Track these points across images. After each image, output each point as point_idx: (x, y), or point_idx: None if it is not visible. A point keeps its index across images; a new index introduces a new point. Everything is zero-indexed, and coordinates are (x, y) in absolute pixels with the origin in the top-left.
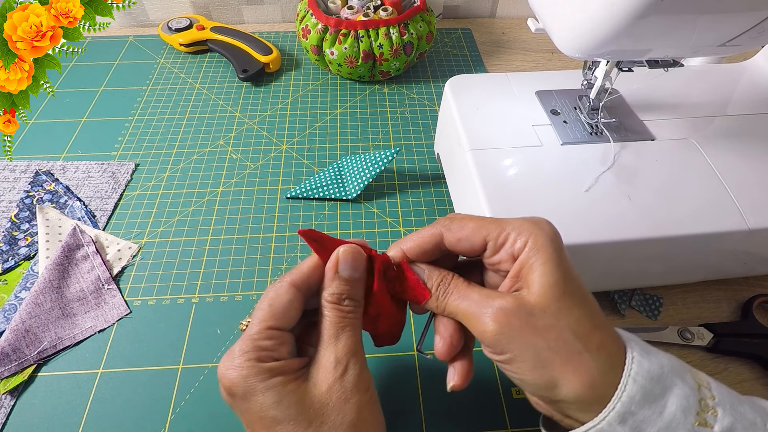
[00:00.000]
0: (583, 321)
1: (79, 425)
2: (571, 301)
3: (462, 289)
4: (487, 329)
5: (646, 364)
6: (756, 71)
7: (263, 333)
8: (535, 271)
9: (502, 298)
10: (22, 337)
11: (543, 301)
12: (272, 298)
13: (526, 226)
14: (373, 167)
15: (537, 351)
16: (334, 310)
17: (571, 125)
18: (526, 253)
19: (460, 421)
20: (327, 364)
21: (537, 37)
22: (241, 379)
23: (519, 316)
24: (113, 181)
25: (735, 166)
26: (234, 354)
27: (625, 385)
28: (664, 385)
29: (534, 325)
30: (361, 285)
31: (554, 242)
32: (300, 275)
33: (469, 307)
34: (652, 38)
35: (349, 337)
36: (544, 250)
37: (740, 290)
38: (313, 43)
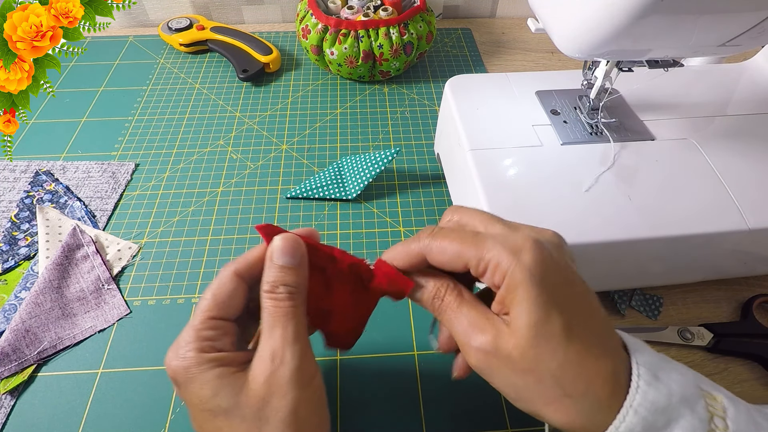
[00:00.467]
0: (567, 365)
1: (79, 425)
2: (554, 344)
3: (453, 309)
4: (470, 362)
5: (652, 394)
6: (756, 71)
7: (205, 323)
8: (513, 309)
9: (484, 333)
10: (22, 337)
11: (521, 345)
12: (215, 288)
13: (504, 257)
14: (373, 167)
15: (516, 389)
16: (270, 300)
17: (571, 125)
18: (504, 289)
19: (460, 421)
20: (264, 356)
21: (537, 37)
22: (182, 369)
23: (498, 358)
24: (113, 181)
25: (735, 166)
26: (179, 344)
27: (625, 416)
28: (668, 418)
29: (513, 368)
30: (299, 273)
31: (535, 276)
32: (244, 264)
33: (458, 333)
34: (652, 38)
35: (285, 327)
36: (521, 288)
37: (740, 290)
38: (313, 43)
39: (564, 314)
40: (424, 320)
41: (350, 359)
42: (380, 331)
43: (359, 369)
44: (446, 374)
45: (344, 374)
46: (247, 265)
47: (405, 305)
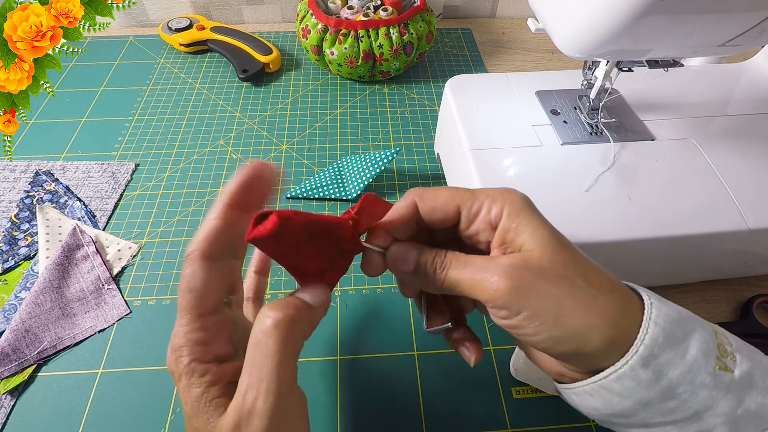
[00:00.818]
0: (590, 267)
1: (79, 425)
2: (572, 252)
3: (461, 258)
4: (500, 287)
5: (665, 308)
6: (756, 71)
7: (193, 323)
8: (523, 232)
9: (506, 257)
10: (22, 337)
11: (546, 254)
12: (189, 280)
13: (498, 194)
14: (373, 167)
15: (556, 300)
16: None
17: (571, 125)
18: (506, 218)
19: (460, 421)
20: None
21: (537, 37)
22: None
23: (530, 270)
24: (113, 181)
25: (735, 166)
26: (173, 343)
27: (647, 328)
28: (684, 329)
29: (546, 277)
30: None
31: (530, 203)
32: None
33: (474, 273)
34: (652, 38)
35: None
36: (524, 211)
37: (740, 290)
38: (313, 43)
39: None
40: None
41: (350, 359)
42: (380, 331)
43: (359, 369)
44: (446, 374)
45: (344, 374)
46: (211, 242)
47: (405, 305)
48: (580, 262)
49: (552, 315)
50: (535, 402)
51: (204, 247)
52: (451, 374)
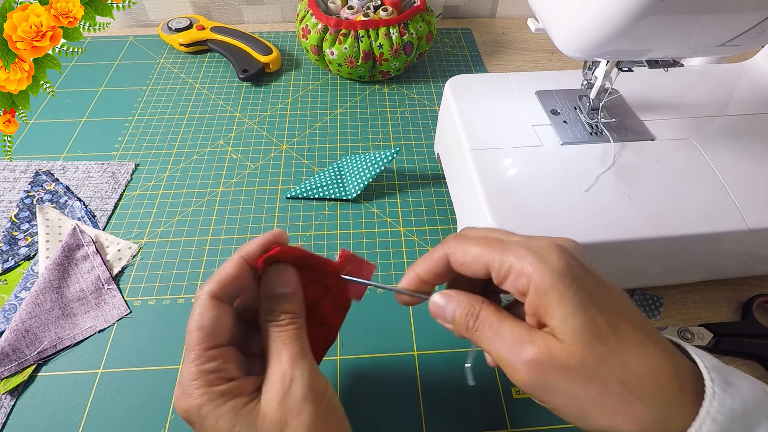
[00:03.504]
0: (631, 365)
1: (79, 425)
2: (610, 345)
3: (493, 324)
4: (521, 379)
5: (728, 401)
6: (756, 71)
7: (203, 356)
8: (553, 318)
9: (533, 344)
10: (22, 337)
11: (577, 352)
12: (198, 319)
13: (528, 260)
14: (373, 167)
15: (580, 403)
16: (272, 327)
17: (571, 125)
18: (534, 294)
19: (460, 421)
20: (274, 379)
21: (537, 37)
22: (194, 408)
23: (555, 368)
24: (113, 181)
25: (735, 166)
26: (183, 383)
27: (702, 425)
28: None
29: (572, 378)
30: (295, 299)
31: (565, 278)
32: (219, 286)
33: (502, 351)
34: (652, 38)
35: (290, 349)
36: (555, 289)
37: (740, 290)
38: (313, 43)
39: (606, 314)
40: (424, 320)
41: (350, 359)
42: (380, 331)
43: (359, 369)
44: (446, 374)
45: (344, 374)
46: (223, 286)
47: (405, 306)
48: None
49: (574, 412)
50: (535, 402)
51: (216, 289)
52: (451, 374)
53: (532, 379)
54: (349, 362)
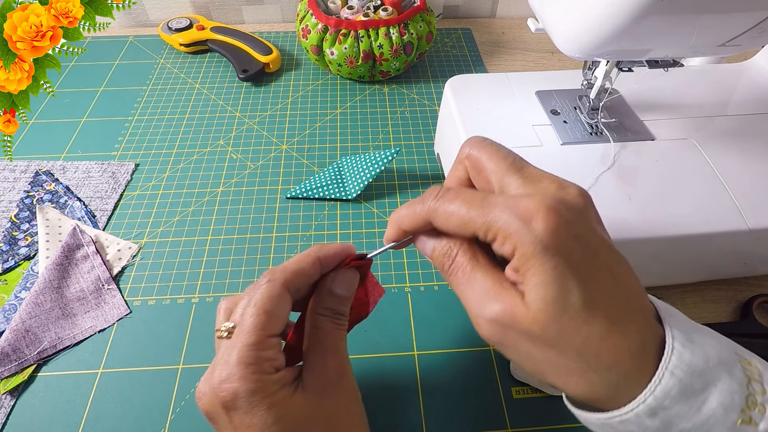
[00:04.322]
0: (592, 340)
1: (79, 425)
2: (576, 319)
3: (466, 272)
4: (482, 333)
5: (688, 356)
6: (756, 71)
7: (265, 342)
8: (529, 283)
9: (499, 302)
10: (22, 337)
11: (541, 320)
12: (266, 302)
13: (513, 227)
14: (373, 167)
15: (535, 363)
16: (329, 322)
17: (571, 125)
18: (517, 259)
19: (460, 421)
20: (325, 375)
21: (537, 37)
22: (247, 393)
23: (515, 330)
24: (113, 181)
25: (735, 166)
26: (233, 363)
27: (660, 378)
28: (705, 380)
29: (532, 341)
30: (350, 302)
31: (548, 248)
32: (294, 277)
33: (470, 301)
34: (652, 38)
35: (341, 349)
36: (535, 260)
37: (740, 290)
38: (313, 43)
39: (585, 288)
40: (424, 320)
41: (350, 359)
42: (380, 331)
43: (360, 369)
44: (446, 374)
45: None
46: (295, 277)
47: (405, 305)
48: (582, 329)
49: (527, 368)
50: (535, 402)
51: (289, 277)
52: (451, 374)
53: (492, 336)
54: None
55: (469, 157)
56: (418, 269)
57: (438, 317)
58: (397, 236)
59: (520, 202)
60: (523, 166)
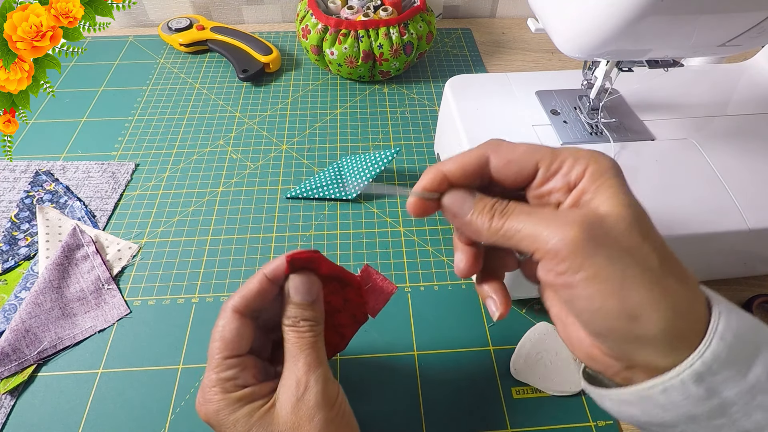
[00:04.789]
0: (667, 249)
1: (79, 425)
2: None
3: (525, 208)
4: (566, 236)
5: (734, 322)
6: (756, 71)
7: (222, 364)
8: (603, 194)
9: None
10: (22, 337)
11: (625, 219)
12: (220, 330)
13: (583, 153)
14: (373, 167)
15: (623, 269)
16: (292, 332)
17: (571, 125)
18: (588, 178)
19: (460, 421)
20: (289, 385)
21: (537, 37)
22: (213, 412)
23: (603, 228)
24: (113, 181)
25: (735, 166)
26: (204, 389)
27: (711, 341)
28: (754, 346)
29: (619, 241)
30: (315, 307)
31: (617, 170)
32: (242, 302)
33: (539, 222)
34: (652, 38)
35: (307, 356)
36: (608, 174)
37: (740, 290)
38: (313, 43)
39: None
40: (424, 320)
41: (350, 359)
42: (380, 331)
43: (359, 369)
44: (446, 374)
45: (344, 374)
46: (246, 301)
47: (405, 305)
48: (658, 240)
49: (615, 282)
50: (535, 402)
51: (238, 303)
52: (451, 374)
53: (581, 233)
54: (349, 362)
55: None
56: (418, 269)
57: (438, 317)
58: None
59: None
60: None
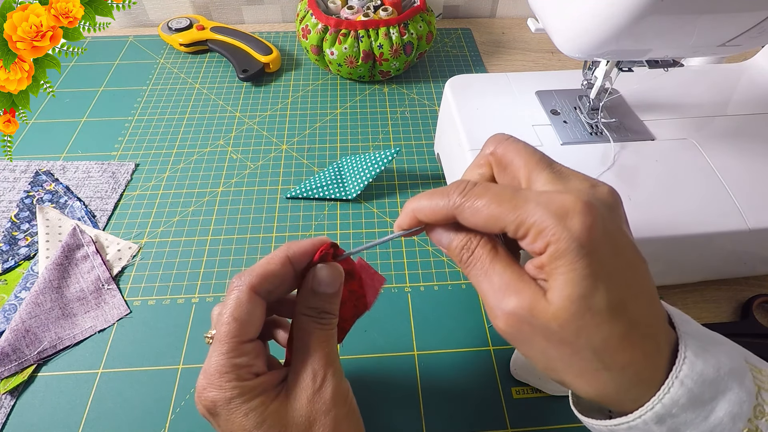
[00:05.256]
0: (611, 340)
1: (79, 425)
2: (598, 318)
3: (485, 264)
4: (498, 326)
5: (700, 366)
6: (756, 71)
7: (237, 349)
8: (556, 280)
9: (518, 296)
10: (22, 337)
11: (562, 317)
12: (234, 310)
13: (548, 223)
14: (373, 167)
15: (548, 359)
16: (313, 323)
17: (571, 125)
18: (547, 256)
19: (460, 421)
20: (304, 376)
21: (537, 37)
22: (223, 401)
23: (532, 325)
24: (113, 181)
25: (735, 166)
26: (210, 373)
27: (670, 387)
28: (716, 390)
29: (548, 337)
30: (337, 299)
31: (583, 246)
32: (260, 280)
33: (488, 294)
34: (652, 38)
35: (325, 349)
36: (567, 258)
37: (740, 290)
38: (313, 43)
39: (611, 289)
40: (424, 320)
41: (350, 359)
42: (380, 331)
43: (359, 369)
44: (446, 374)
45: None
46: (264, 280)
47: (405, 305)
48: (603, 329)
49: (540, 364)
50: (535, 402)
51: (255, 281)
52: (451, 374)
53: (508, 329)
54: (349, 362)
55: (495, 153)
56: (418, 269)
57: (438, 317)
58: (411, 225)
59: (556, 198)
60: (551, 162)
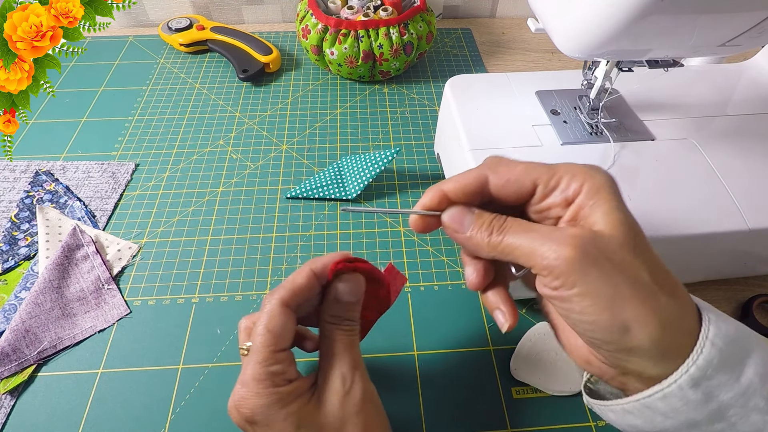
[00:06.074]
0: (659, 264)
1: (79, 425)
2: (643, 243)
3: (523, 224)
4: (560, 255)
5: (724, 327)
6: (756, 71)
7: (272, 357)
8: (598, 210)
9: (575, 228)
10: (22, 337)
11: (617, 237)
12: (268, 322)
13: (579, 170)
14: (373, 167)
15: (614, 285)
16: (338, 330)
17: (571, 125)
18: (585, 194)
19: (460, 421)
20: (333, 380)
21: (537, 37)
22: (262, 408)
23: (597, 246)
24: (113, 181)
25: (735, 166)
26: (247, 381)
27: (703, 347)
28: (742, 350)
29: (612, 259)
30: (358, 308)
31: (613, 185)
32: (290, 294)
33: (535, 239)
34: (652, 38)
35: (351, 354)
36: (604, 190)
37: (740, 290)
38: (313, 43)
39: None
40: (424, 320)
41: None
42: (380, 331)
43: None
44: (446, 374)
45: None
46: (294, 295)
47: (405, 305)
48: (650, 256)
49: (606, 298)
50: (535, 402)
51: (286, 296)
52: (451, 374)
53: (575, 252)
54: None
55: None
56: (418, 269)
57: (438, 317)
58: (433, 204)
59: (575, 164)
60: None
